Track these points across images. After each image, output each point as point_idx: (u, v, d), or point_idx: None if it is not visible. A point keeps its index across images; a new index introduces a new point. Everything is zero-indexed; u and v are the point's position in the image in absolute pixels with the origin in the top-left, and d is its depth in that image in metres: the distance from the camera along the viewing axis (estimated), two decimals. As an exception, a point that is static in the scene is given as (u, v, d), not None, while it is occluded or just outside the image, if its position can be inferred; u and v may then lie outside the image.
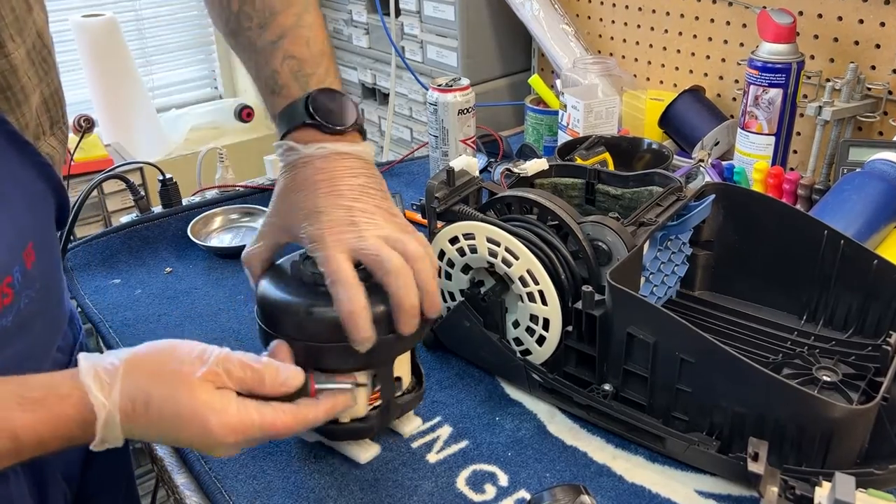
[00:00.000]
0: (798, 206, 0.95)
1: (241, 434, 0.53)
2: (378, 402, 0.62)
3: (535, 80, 1.26)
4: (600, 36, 1.42)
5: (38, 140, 0.65)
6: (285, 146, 0.64)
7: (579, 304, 0.64)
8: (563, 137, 1.14)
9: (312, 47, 0.68)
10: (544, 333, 0.67)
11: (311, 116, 0.64)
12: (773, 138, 1.04)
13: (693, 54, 1.27)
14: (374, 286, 0.57)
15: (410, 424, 0.68)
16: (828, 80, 1.03)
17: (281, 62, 0.67)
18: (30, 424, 0.50)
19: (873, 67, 1.04)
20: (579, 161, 0.96)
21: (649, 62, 1.35)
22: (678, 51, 1.29)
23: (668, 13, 1.28)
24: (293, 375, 0.55)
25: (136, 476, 0.92)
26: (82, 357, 0.53)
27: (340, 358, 0.58)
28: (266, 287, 0.61)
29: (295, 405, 0.55)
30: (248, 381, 0.54)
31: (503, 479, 0.62)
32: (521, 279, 0.66)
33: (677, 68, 1.30)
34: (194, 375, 0.52)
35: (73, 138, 1.63)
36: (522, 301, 0.67)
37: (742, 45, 1.19)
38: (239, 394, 0.53)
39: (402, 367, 0.64)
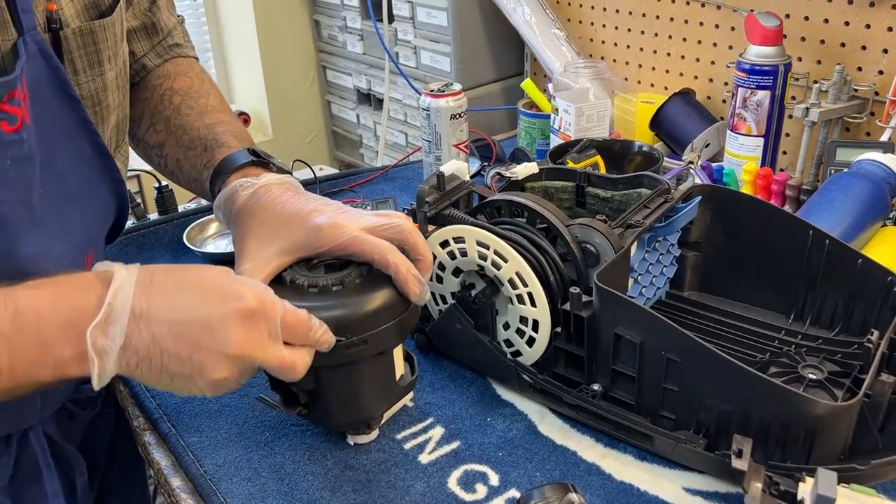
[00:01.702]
0: (787, 207, 0.96)
1: (263, 299, 0.52)
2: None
3: (528, 85, 1.28)
4: (591, 40, 1.43)
5: None
6: (239, 183, 0.67)
7: (568, 306, 0.65)
8: (555, 141, 1.15)
9: (247, 135, 0.77)
10: (534, 335, 0.68)
11: (257, 156, 0.70)
12: (761, 140, 1.05)
13: (683, 57, 1.28)
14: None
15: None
16: (815, 82, 1.04)
17: (222, 131, 0.74)
18: (30, 295, 0.49)
19: (860, 69, 1.05)
20: (571, 164, 0.98)
21: (640, 65, 1.36)
22: (668, 54, 1.30)
23: (657, 17, 1.29)
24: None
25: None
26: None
27: (392, 336, 0.62)
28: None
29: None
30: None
31: (494, 479, 0.63)
32: (511, 282, 0.67)
33: (667, 71, 1.32)
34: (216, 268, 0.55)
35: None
36: (512, 303, 0.68)
37: (731, 47, 1.20)
38: None
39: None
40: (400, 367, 0.67)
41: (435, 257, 0.72)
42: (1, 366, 0.48)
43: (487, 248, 0.68)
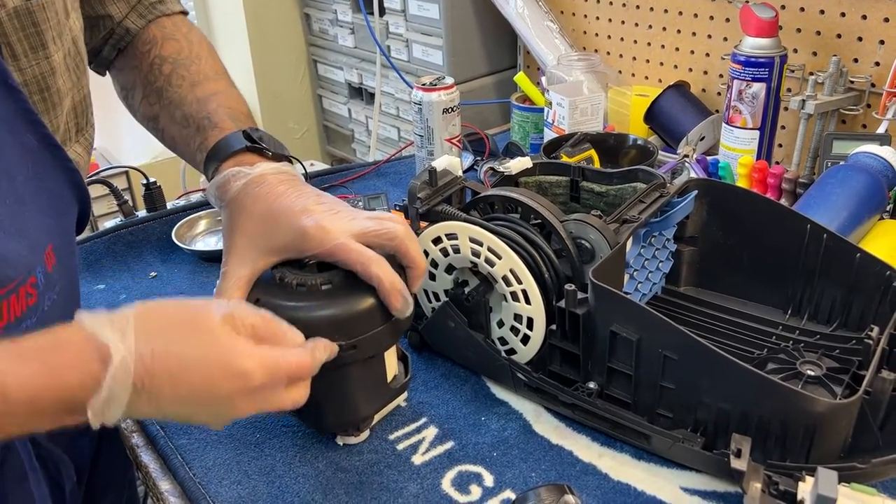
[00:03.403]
0: (783, 200, 0.95)
1: (269, 370, 0.51)
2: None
3: (521, 78, 1.26)
4: (585, 32, 1.41)
5: (66, 145, 0.65)
6: (232, 172, 0.65)
7: (563, 303, 0.64)
8: (549, 135, 1.14)
9: (242, 108, 0.73)
10: (528, 332, 0.67)
11: (253, 141, 0.67)
12: (757, 132, 1.04)
13: (677, 49, 1.27)
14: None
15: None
16: (811, 74, 1.03)
17: (216, 107, 0.71)
18: (20, 374, 0.45)
19: (856, 60, 1.04)
20: (565, 158, 0.96)
21: (634, 58, 1.35)
22: (662, 46, 1.29)
23: (651, 8, 1.28)
24: (295, 331, 0.55)
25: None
26: (80, 312, 0.49)
27: (383, 339, 0.61)
28: (289, 310, 0.58)
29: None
30: (260, 328, 0.53)
31: (489, 480, 0.62)
32: (505, 279, 0.66)
33: (662, 64, 1.30)
34: (214, 319, 0.50)
35: (57, 143, 1.62)
36: (506, 300, 0.67)
37: (726, 39, 1.19)
38: None
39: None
40: (393, 368, 0.66)
41: (427, 254, 0.71)
42: None
43: (481, 244, 0.66)
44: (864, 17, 1.02)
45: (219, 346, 0.50)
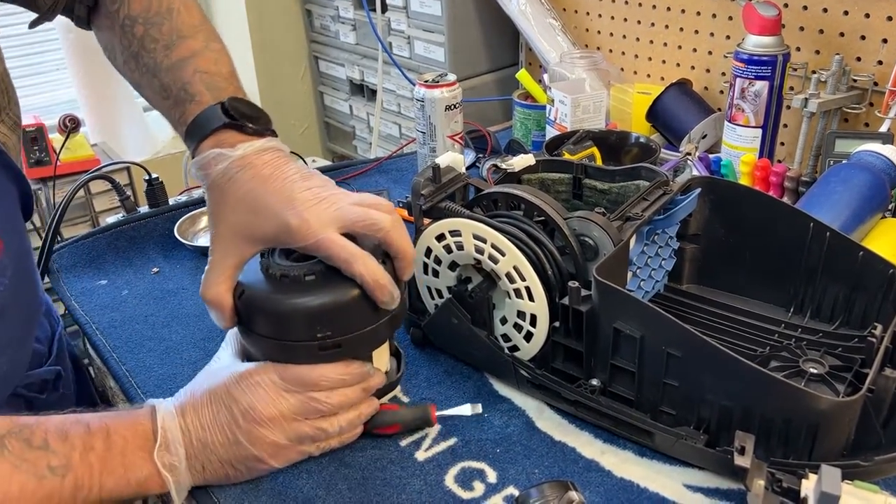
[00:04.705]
0: (785, 199, 0.95)
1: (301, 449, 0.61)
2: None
3: (523, 75, 1.26)
4: (587, 30, 1.41)
5: None
6: (213, 154, 0.62)
7: (566, 300, 0.64)
8: (551, 132, 1.14)
9: (221, 68, 0.69)
10: (532, 329, 0.67)
11: (232, 117, 0.63)
12: (759, 131, 1.04)
13: (680, 47, 1.27)
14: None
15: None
16: (813, 72, 1.03)
17: (192, 75, 0.67)
18: (116, 424, 0.58)
19: (858, 59, 1.04)
20: (567, 156, 0.96)
21: (636, 56, 1.35)
22: (665, 44, 1.29)
23: (654, 6, 1.28)
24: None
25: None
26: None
27: (367, 339, 0.61)
28: (270, 301, 0.59)
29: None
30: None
31: (491, 476, 0.62)
32: (508, 276, 0.66)
33: (664, 61, 1.30)
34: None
35: (59, 138, 1.62)
36: (509, 297, 0.67)
37: (728, 37, 1.19)
38: None
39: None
40: (384, 364, 0.66)
41: (431, 251, 0.71)
42: (92, 482, 0.55)
43: (484, 241, 0.66)
44: (867, 15, 1.02)
45: (242, 415, 0.61)
